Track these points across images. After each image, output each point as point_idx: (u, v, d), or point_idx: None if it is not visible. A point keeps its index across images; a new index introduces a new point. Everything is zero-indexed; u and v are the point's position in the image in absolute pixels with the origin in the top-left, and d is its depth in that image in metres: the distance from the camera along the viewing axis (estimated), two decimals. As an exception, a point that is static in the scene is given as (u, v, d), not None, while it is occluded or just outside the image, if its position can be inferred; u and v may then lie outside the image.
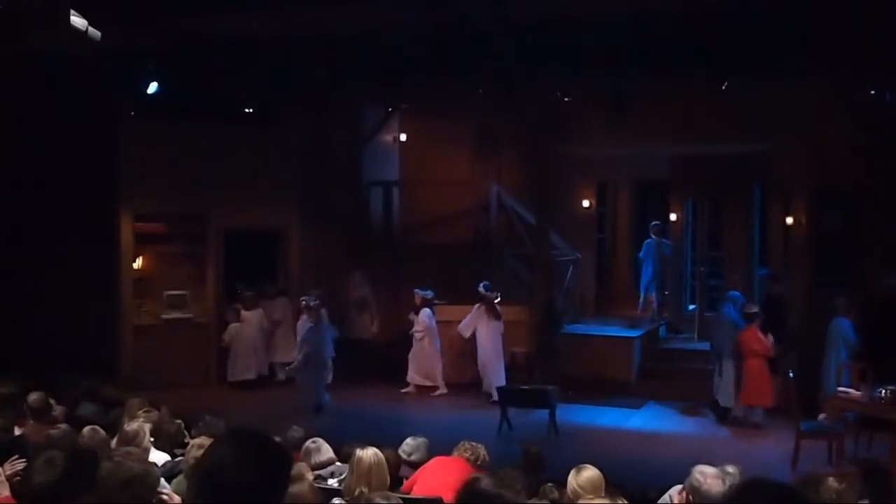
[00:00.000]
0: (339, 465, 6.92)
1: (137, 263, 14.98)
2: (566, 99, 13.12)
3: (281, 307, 15.47)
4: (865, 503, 5.43)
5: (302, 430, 8.15)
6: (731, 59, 11.16)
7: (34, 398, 7.95)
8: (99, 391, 10.85)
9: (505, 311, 14.45)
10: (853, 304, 12.28)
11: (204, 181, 14.53)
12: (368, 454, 5.94)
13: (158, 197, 14.51)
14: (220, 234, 15.21)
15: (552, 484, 6.28)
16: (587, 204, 17.23)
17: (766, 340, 12.08)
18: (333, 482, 6.49)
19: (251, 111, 13.99)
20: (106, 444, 6.29)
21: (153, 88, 12.60)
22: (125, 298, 14.77)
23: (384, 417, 12.86)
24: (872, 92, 11.72)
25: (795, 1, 9.89)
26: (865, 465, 8.68)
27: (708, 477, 5.24)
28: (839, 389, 10.95)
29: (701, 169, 15.42)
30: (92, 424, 6.71)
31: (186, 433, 7.63)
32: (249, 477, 2.46)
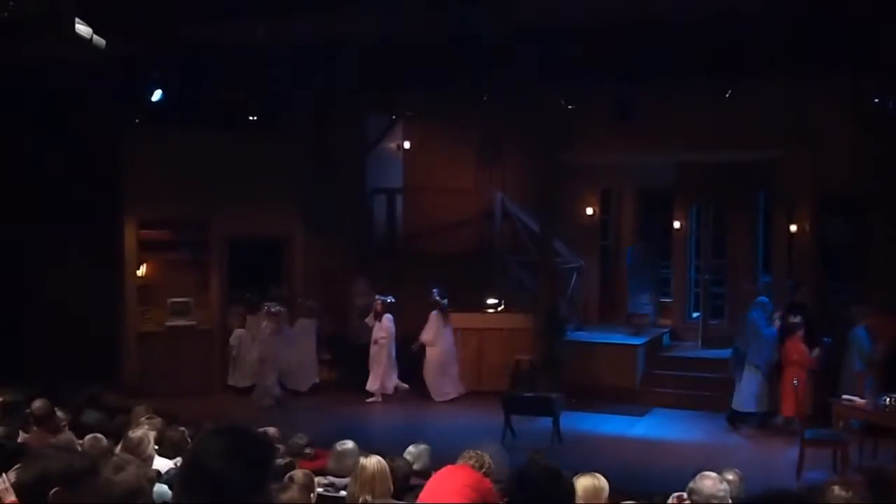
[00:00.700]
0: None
1: (141, 270, 15.00)
2: (570, 106, 13.11)
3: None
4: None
5: (306, 436, 8.15)
6: (734, 67, 11.16)
7: (38, 405, 7.95)
8: (103, 398, 10.87)
9: (509, 318, 14.43)
10: (868, 312, 12.21)
11: (208, 188, 14.55)
12: (372, 462, 5.91)
13: (162, 204, 14.54)
14: (223, 241, 15.22)
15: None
16: (591, 211, 17.19)
17: (807, 351, 11.99)
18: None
19: (255, 119, 14.01)
20: (107, 452, 6.28)
21: (157, 96, 12.60)
22: (129, 305, 14.80)
23: (387, 424, 12.82)
24: (877, 100, 11.71)
25: (799, 9, 9.89)
26: (870, 472, 8.64)
27: (705, 480, 5.31)
28: (844, 397, 10.91)
29: (705, 176, 15.42)
30: (96, 432, 6.72)
31: (190, 441, 7.62)
32: (231, 470, 2.45)
